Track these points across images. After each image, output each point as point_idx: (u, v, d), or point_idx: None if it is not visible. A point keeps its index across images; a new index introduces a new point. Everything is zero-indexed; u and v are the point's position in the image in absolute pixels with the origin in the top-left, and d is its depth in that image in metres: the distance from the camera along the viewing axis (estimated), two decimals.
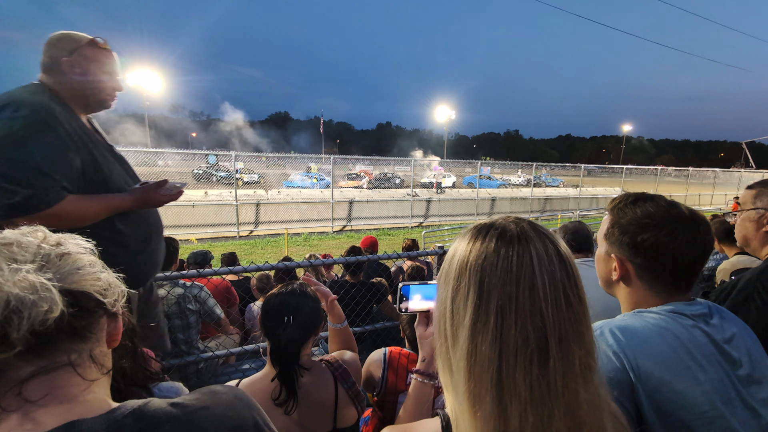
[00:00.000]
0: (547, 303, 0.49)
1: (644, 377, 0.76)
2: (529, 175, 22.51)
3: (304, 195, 15.25)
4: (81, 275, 0.54)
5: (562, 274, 0.50)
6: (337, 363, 1.31)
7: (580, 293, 0.51)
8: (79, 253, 0.57)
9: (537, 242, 0.52)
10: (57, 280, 0.51)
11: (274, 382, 1.16)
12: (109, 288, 0.58)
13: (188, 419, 0.53)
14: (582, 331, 0.50)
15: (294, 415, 1.15)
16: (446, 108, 42.52)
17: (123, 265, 0.75)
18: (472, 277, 0.52)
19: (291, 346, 1.19)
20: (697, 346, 0.78)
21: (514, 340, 0.48)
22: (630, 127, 76.39)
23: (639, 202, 0.88)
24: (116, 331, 0.60)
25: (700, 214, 0.86)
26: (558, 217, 13.76)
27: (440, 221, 15.27)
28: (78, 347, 0.53)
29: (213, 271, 2.10)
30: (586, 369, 0.49)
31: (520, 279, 0.49)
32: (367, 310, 2.93)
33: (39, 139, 1.23)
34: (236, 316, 3.33)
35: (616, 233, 0.89)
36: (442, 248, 2.78)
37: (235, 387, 0.61)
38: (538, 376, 0.47)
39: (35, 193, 1.21)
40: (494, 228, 0.55)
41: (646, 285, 0.88)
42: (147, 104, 34.48)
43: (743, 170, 27.83)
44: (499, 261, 0.51)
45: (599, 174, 40.08)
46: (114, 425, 0.50)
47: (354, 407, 1.27)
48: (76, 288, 0.53)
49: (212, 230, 11.36)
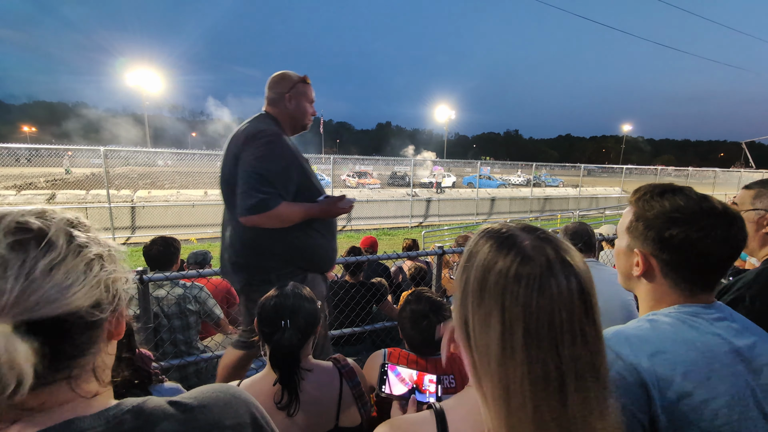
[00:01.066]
0: (563, 341, 0.48)
1: (662, 388, 0.71)
2: (528, 175, 22.53)
3: None
4: (72, 292, 0.47)
5: (580, 309, 0.49)
6: (345, 361, 1.31)
7: (597, 328, 0.51)
8: (80, 254, 0.50)
9: (559, 273, 0.50)
10: (35, 309, 0.44)
11: (275, 386, 1.14)
12: (110, 289, 0.53)
13: (186, 417, 0.53)
14: (598, 368, 0.50)
15: (295, 416, 1.14)
16: (446, 108, 42.53)
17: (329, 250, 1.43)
18: (492, 302, 0.51)
19: (290, 350, 1.17)
20: (716, 354, 0.74)
21: (537, 377, 0.48)
22: (630, 126, 76.40)
23: (667, 194, 0.82)
24: (119, 329, 0.57)
25: (734, 209, 0.81)
26: (558, 217, 13.76)
27: (440, 221, 15.27)
28: (77, 363, 0.51)
29: (213, 271, 2.10)
30: (602, 402, 0.49)
31: (540, 315, 0.48)
32: (366, 310, 2.93)
33: (274, 158, 1.64)
34: (236, 317, 3.33)
35: (641, 227, 0.83)
36: (442, 248, 2.79)
37: (232, 386, 0.61)
38: (560, 412, 0.48)
39: (264, 198, 1.58)
40: (516, 248, 0.52)
41: (670, 282, 0.82)
42: (147, 104, 34.45)
43: (743, 170, 27.85)
44: (521, 290, 0.49)
45: (599, 174, 40.09)
46: (113, 422, 0.50)
47: (357, 407, 1.26)
48: (64, 311, 0.47)
49: (212, 230, 11.34)
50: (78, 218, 0.55)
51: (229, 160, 1.68)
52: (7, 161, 10.40)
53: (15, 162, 11.53)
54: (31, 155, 11.06)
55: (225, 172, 1.72)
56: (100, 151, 9.77)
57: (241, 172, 1.62)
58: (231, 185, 1.67)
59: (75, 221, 0.54)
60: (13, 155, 10.52)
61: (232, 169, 1.66)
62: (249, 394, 0.62)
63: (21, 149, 10.36)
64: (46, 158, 11.01)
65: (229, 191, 1.70)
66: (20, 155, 10.98)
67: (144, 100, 33.01)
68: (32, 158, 11.33)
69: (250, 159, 1.61)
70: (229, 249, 1.79)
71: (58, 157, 11.34)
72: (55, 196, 11.44)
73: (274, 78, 1.82)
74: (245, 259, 1.75)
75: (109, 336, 0.55)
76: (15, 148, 9.98)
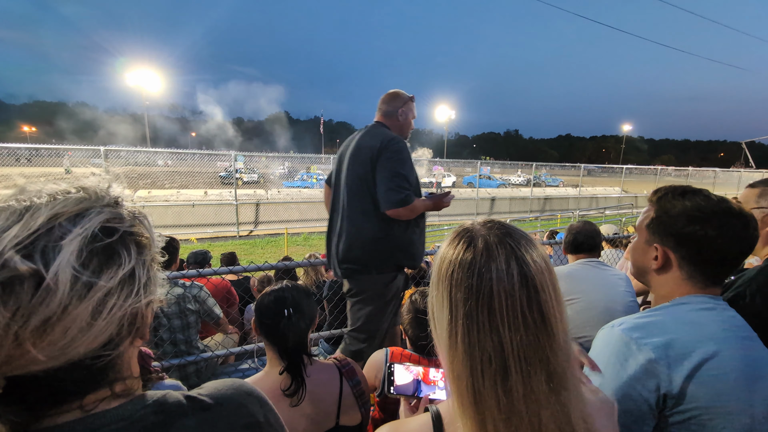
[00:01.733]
0: (503, 323, 0.49)
1: (672, 369, 0.76)
2: (528, 175, 22.52)
3: (303, 195, 15.25)
4: (72, 347, 0.41)
5: (521, 294, 0.50)
6: (345, 360, 1.32)
7: (543, 313, 0.50)
8: (87, 294, 0.42)
9: (500, 258, 0.51)
10: (20, 368, 0.39)
11: (282, 375, 1.16)
12: (127, 320, 0.47)
13: (204, 415, 0.51)
14: (546, 356, 0.50)
15: (299, 408, 1.16)
16: (446, 108, 42.51)
17: (423, 245, 2.05)
18: (443, 289, 0.54)
19: (298, 335, 1.19)
20: (721, 337, 0.80)
21: (479, 359, 0.49)
22: (630, 126, 76.30)
23: (688, 195, 0.89)
24: (144, 337, 0.52)
25: (749, 211, 0.87)
26: (558, 216, 13.76)
27: (440, 221, 15.26)
28: (91, 387, 0.46)
29: (213, 270, 2.10)
30: (550, 392, 0.49)
31: (479, 298, 0.50)
32: None
33: (408, 160, 1.97)
34: (236, 316, 3.33)
35: (662, 224, 0.89)
36: None
37: (246, 383, 0.60)
38: (502, 395, 0.49)
39: (408, 194, 1.88)
40: (466, 237, 0.55)
41: (685, 275, 0.88)
42: (146, 104, 34.46)
43: (743, 170, 27.85)
44: (463, 276, 0.52)
45: (599, 174, 40.08)
46: (135, 416, 0.47)
47: (357, 406, 1.27)
48: (59, 364, 0.41)
49: (212, 230, 11.35)
50: (111, 219, 0.46)
51: (363, 164, 1.93)
52: (7, 161, 10.39)
53: (15, 162, 11.52)
54: (31, 155, 11.06)
55: (358, 172, 1.95)
56: (101, 151, 9.77)
57: (384, 172, 1.88)
58: (367, 183, 1.93)
59: (106, 225, 0.45)
60: (14, 155, 10.51)
61: (369, 172, 1.92)
62: (261, 392, 0.61)
63: (21, 149, 10.36)
64: (46, 158, 11.00)
65: (363, 189, 1.94)
66: (20, 155, 10.97)
67: (144, 99, 33.02)
68: (32, 158, 11.33)
69: (392, 162, 1.89)
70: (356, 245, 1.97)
71: (58, 156, 11.33)
72: None
73: (390, 95, 2.15)
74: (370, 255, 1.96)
75: (131, 344, 0.51)
76: (15, 147, 9.98)
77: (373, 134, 1.99)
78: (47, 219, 0.42)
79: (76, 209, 0.44)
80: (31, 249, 0.40)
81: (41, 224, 0.41)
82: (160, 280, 0.53)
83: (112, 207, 0.48)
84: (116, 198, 0.49)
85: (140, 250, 0.48)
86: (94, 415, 0.45)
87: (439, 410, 0.66)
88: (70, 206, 0.44)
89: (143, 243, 0.49)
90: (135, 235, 0.48)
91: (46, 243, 0.41)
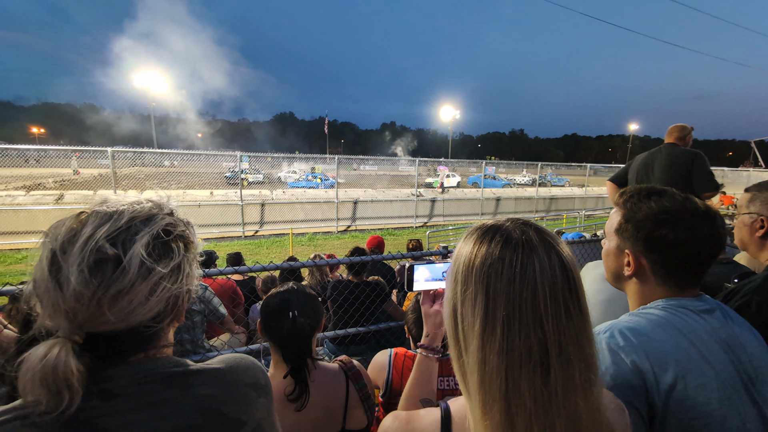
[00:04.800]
0: (547, 314, 0.49)
1: (658, 375, 0.75)
2: (534, 175, 22.40)
3: (308, 195, 15.30)
4: (133, 315, 0.56)
5: (563, 285, 0.51)
6: (351, 363, 1.31)
7: (581, 305, 0.52)
8: (147, 277, 0.57)
9: (541, 251, 0.52)
10: (97, 326, 0.55)
11: (286, 379, 1.15)
12: (171, 301, 0.62)
13: (215, 374, 0.63)
14: (582, 344, 0.51)
15: (304, 413, 1.14)
16: (451, 108, 42.44)
17: None
18: (478, 283, 0.53)
19: (303, 338, 1.18)
20: (703, 341, 0.78)
21: (519, 351, 0.49)
22: (636, 126, 75.45)
23: (653, 196, 0.86)
24: (179, 319, 0.68)
25: (714, 208, 0.85)
26: (563, 216, 13.68)
27: (444, 221, 15.24)
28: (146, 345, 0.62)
29: (218, 270, 2.12)
30: (586, 382, 0.50)
31: (523, 289, 0.50)
32: (371, 310, 2.93)
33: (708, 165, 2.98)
34: (242, 316, 3.35)
35: (630, 228, 0.87)
36: (446, 248, 2.78)
37: (249, 356, 0.71)
38: (541, 387, 0.48)
39: (719, 185, 2.93)
40: (500, 232, 0.55)
41: (659, 280, 0.86)
42: (153, 105, 34.76)
43: (752, 169, 27.45)
44: (504, 269, 0.51)
45: (605, 173, 39.76)
46: (162, 368, 0.60)
47: (363, 409, 1.26)
48: (122, 327, 0.57)
49: (218, 230, 11.42)
50: (170, 224, 0.63)
51: (681, 168, 2.96)
52: (16, 162, 10.55)
53: (24, 162, 11.68)
54: (40, 156, 11.20)
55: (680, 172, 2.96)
56: (108, 152, 9.87)
57: (702, 171, 2.92)
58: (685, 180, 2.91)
59: (166, 228, 0.61)
60: (23, 156, 10.67)
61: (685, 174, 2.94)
62: (264, 367, 0.73)
63: (30, 150, 10.51)
64: (54, 159, 11.15)
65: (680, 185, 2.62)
66: (29, 156, 11.13)
67: (150, 101, 33.31)
68: (41, 159, 11.47)
69: (704, 166, 2.93)
70: None
71: (66, 158, 11.47)
72: (63, 196, 11.57)
73: (679, 126, 3.15)
74: None
75: (171, 323, 0.66)
76: (24, 149, 10.12)
77: (680, 150, 3.03)
78: (128, 220, 0.58)
79: (147, 215, 0.61)
80: (116, 239, 0.56)
81: (123, 224, 0.58)
82: (197, 274, 0.67)
83: (170, 215, 0.65)
84: (172, 209, 0.67)
85: (187, 249, 0.65)
86: (139, 364, 0.60)
87: (449, 407, 0.66)
88: (143, 213, 0.61)
89: (189, 244, 0.66)
90: (184, 238, 0.65)
91: (126, 236, 0.57)
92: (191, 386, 0.60)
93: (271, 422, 0.69)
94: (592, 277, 1.36)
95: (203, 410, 0.59)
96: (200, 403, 0.59)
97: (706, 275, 0.88)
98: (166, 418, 0.56)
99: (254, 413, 0.65)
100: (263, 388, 0.68)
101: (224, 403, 0.61)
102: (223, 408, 0.61)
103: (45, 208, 9.76)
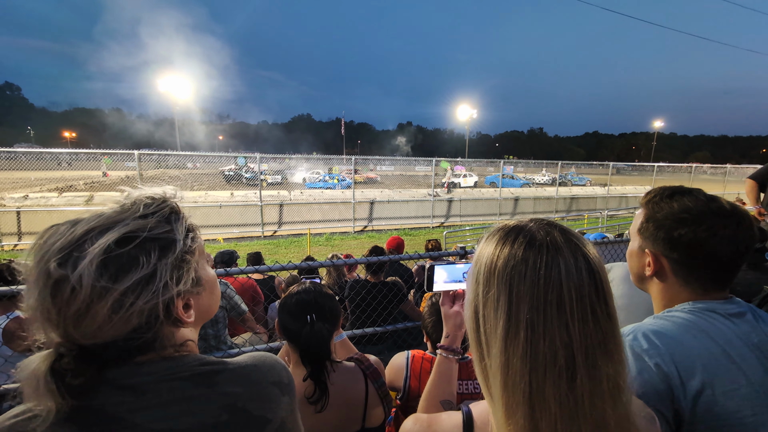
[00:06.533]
0: (573, 318, 0.48)
1: (685, 380, 0.72)
2: (554, 174, 21.93)
3: (326, 195, 15.48)
4: (102, 332, 0.53)
5: (590, 288, 0.49)
6: (368, 362, 1.30)
7: (609, 309, 0.50)
8: (104, 296, 0.52)
9: (566, 253, 0.51)
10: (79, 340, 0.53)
11: (306, 382, 1.14)
12: (150, 313, 0.56)
13: (240, 372, 0.64)
14: (610, 349, 0.49)
15: (324, 414, 1.13)
16: (468, 107, 42.04)
17: None
18: (501, 285, 0.51)
19: (322, 341, 1.17)
20: (733, 346, 0.75)
21: (543, 355, 0.48)
22: (661, 123, 72.67)
23: (676, 196, 0.85)
24: (185, 320, 0.63)
25: (743, 208, 0.82)
26: (585, 217, 13.35)
27: (462, 221, 15.12)
28: (147, 346, 0.60)
29: (240, 269, 2.17)
30: (614, 388, 0.48)
31: (548, 292, 0.49)
32: (388, 310, 2.95)
33: None
34: (261, 314, 3.42)
35: (651, 228, 0.86)
36: (464, 249, 2.77)
37: (272, 354, 0.72)
38: (566, 392, 0.47)
39: None
40: (523, 233, 0.54)
41: (681, 281, 0.84)
42: (176, 109, 35.84)
43: None
44: (528, 271, 0.50)
45: (629, 172, 38.54)
46: (183, 368, 0.60)
47: (382, 407, 1.26)
48: (97, 342, 0.54)
49: (238, 230, 11.68)
50: (134, 230, 0.55)
51: None
52: (50, 165, 11.09)
53: (57, 165, 12.26)
54: (72, 159, 11.74)
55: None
56: (135, 155, 10.25)
57: None
58: None
59: (126, 235, 0.54)
60: (56, 159, 11.20)
61: None
62: (285, 363, 0.73)
63: (62, 153, 11.02)
64: (85, 162, 11.66)
65: None
66: (62, 159, 11.67)
67: (174, 105, 34.37)
68: (72, 162, 12.02)
69: None
70: None
71: (96, 160, 11.98)
72: (93, 197, 12.08)
73: None
74: None
75: (174, 325, 0.62)
76: (57, 152, 10.63)
77: None
78: (83, 233, 0.53)
79: (106, 223, 0.55)
80: (68, 257, 0.51)
81: (77, 237, 0.52)
82: (192, 276, 0.62)
83: (141, 218, 0.57)
84: (152, 205, 0.60)
85: (163, 253, 0.57)
86: (140, 365, 0.58)
87: (471, 410, 0.65)
88: (102, 221, 0.55)
89: (170, 244, 0.58)
90: (158, 240, 0.57)
91: (78, 253, 0.51)
92: (217, 384, 0.61)
93: (294, 420, 0.70)
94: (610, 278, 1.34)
95: (229, 408, 0.60)
96: (226, 401, 0.60)
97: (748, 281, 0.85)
98: (193, 415, 0.57)
99: (278, 411, 0.66)
100: (287, 387, 0.69)
101: (250, 400, 0.62)
102: (249, 405, 0.62)
103: (76, 209, 10.20)
